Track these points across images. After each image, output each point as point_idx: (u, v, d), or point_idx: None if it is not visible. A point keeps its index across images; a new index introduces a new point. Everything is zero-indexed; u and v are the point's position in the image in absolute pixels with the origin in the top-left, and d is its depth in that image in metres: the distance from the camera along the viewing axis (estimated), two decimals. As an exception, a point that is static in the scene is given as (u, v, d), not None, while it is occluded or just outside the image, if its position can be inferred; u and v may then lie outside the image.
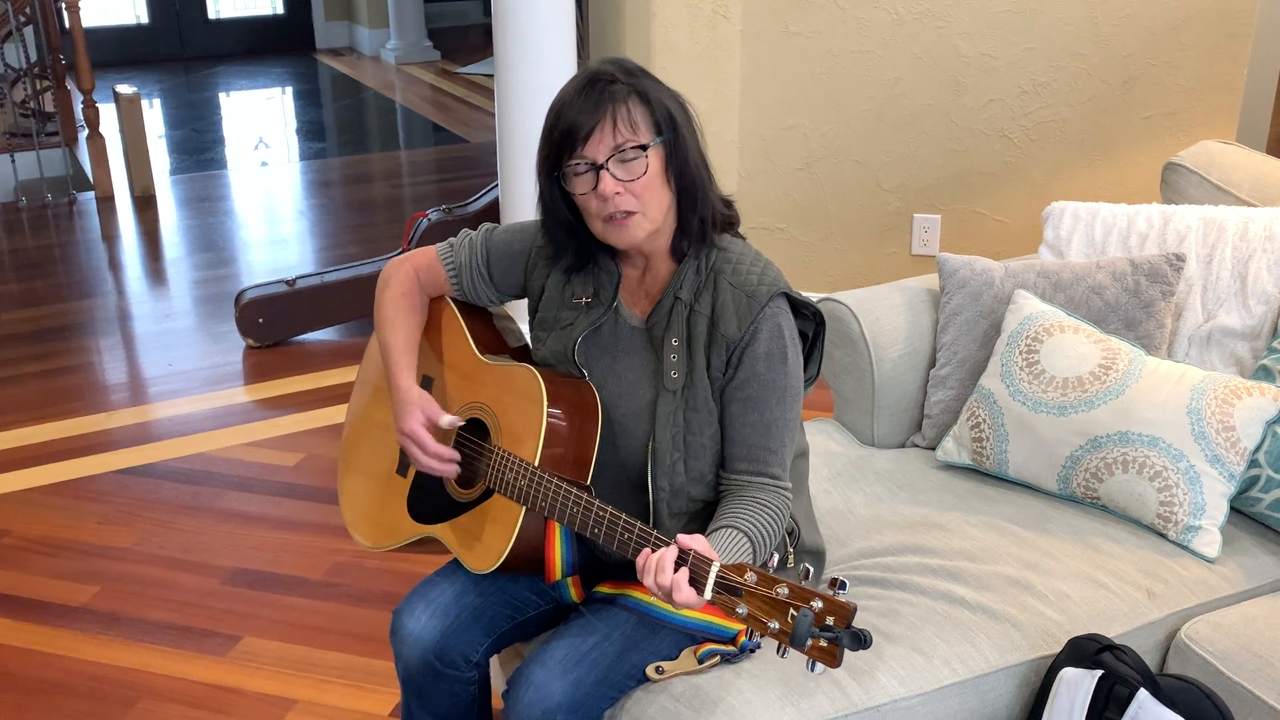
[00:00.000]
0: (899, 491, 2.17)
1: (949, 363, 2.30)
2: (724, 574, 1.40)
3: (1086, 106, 3.60)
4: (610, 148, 1.58)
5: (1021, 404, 2.11)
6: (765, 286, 1.65)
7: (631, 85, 1.60)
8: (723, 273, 1.67)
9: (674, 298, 1.67)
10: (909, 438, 2.37)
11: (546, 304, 1.77)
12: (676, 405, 1.66)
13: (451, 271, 1.84)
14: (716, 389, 1.66)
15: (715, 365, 1.65)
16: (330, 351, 4.10)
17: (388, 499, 1.88)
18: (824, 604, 1.32)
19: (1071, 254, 2.36)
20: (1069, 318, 2.17)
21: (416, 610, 1.75)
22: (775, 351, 1.64)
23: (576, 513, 1.60)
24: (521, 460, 1.65)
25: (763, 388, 1.64)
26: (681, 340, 1.66)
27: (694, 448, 1.67)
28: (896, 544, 1.98)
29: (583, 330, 1.72)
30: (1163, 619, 1.86)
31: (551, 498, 1.62)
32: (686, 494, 1.69)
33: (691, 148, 1.64)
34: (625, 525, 1.54)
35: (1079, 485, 2.07)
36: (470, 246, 1.84)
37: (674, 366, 1.66)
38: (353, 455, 1.97)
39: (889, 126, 3.74)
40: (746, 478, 1.66)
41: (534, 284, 1.80)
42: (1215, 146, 2.51)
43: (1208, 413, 1.98)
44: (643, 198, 1.60)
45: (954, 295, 2.30)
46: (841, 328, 2.36)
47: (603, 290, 1.73)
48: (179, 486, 3.27)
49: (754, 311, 1.63)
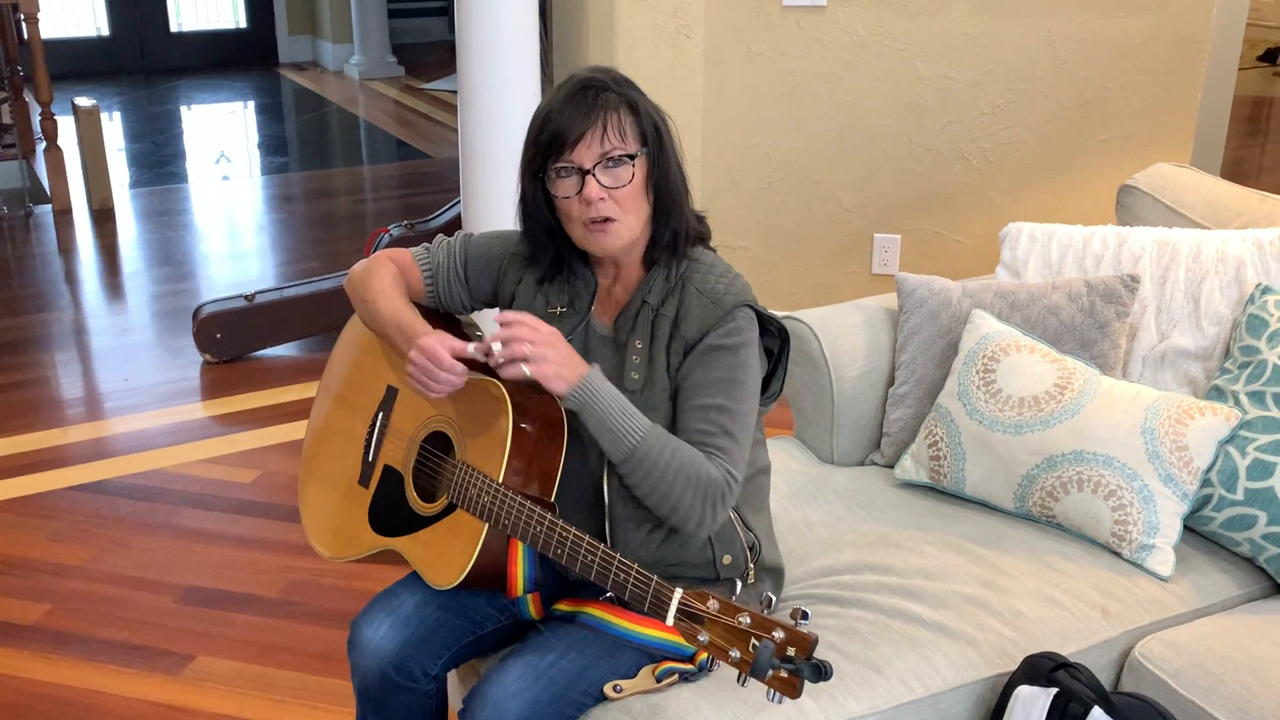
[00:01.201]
0: (858, 509, 2.17)
1: (907, 381, 2.30)
2: (685, 601, 1.40)
3: (1044, 129, 3.64)
4: (598, 154, 1.59)
5: (978, 423, 2.12)
6: (732, 295, 1.66)
7: (623, 94, 1.62)
8: (691, 280, 1.68)
9: (641, 302, 1.69)
10: (868, 456, 2.38)
11: (519, 311, 1.77)
12: (637, 402, 1.66)
13: (428, 273, 1.83)
14: (672, 387, 1.66)
15: (673, 365, 1.66)
16: (289, 367, 4.07)
17: (349, 509, 1.86)
18: (785, 635, 1.32)
19: (1028, 274, 2.37)
20: (1025, 337, 2.18)
21: (376, 621, 1.74)
22: (726, 346, 1.64)
23: (540, 532, 1.59)
24: (485, 476, 1.64)
25: (708, 376, 1.63)
26: (645, 343, 1.67)
27: None
28: (855, 562, 1.99)
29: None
30: (1117, 637, 1.87)
31: (515, 516, 1.61)
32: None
33: (673, 161, 1.66)
34: (589, 548, 1.54)
35: (1035, 504, 2.08)
36: (449, 249, 1.84)
37: (635, 368, 1.66)
38: (315, 464, 1.96)
39: (850, 147, 3.77)
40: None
41: (505, 291, 1.80)
42: (1169, 169, 2.54)
43: (1161, 432, 2.00)
44: (624, 205, 1.62)
45: (912, 314, 2.31)
46: (802, 346, 2.37)
47: (578, 299, 1.73)
48: (133, 503, 3.23)
49: (716, 316, 1.64)
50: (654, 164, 1.64)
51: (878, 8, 3.60)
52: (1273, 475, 1.96)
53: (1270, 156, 6.75)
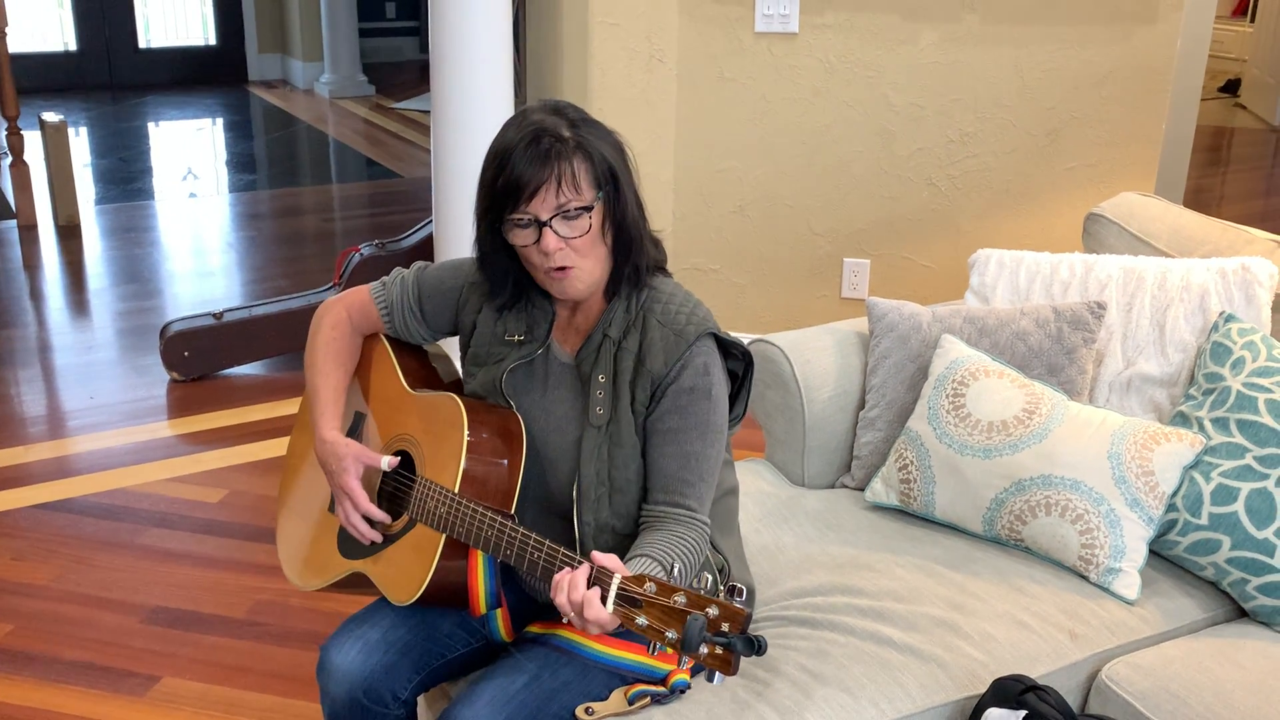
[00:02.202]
0: (828, 532, 2.17)
1: (878, 405, 2.31)
2: (624, 586, 1.40)
3: (1011, 156, 3.66)
4: (554, 207, 1.58)
5: (948, 446, 2.13)
6: (694, 326, 1.66)
7: (578, 141, 1.59)
8: (652, 311, 1.68)
9: (603, 335, 1.68)
10: (839, 478, 2.38)
11: (479, 340, 1.78)
12: (601, 440, 1.66)
13: (384, 310, 1.85)
14: (639, 423, 1.66)
15: (639, 400, 1.66)
16: (257, 386, 4.05)
17: (320, 537, 1.87)
18: (719, 611, 1.31)
19: (996, 300, 2.38)
20: (994, 363, 2.19)
21: (345, 645, 1.73)
22: (699, 387, 1.65)
23: (491, 536, 1.59)
24: (442, 488, 1.65)
25: (684, 420, 1.64)
26: (608, 377, 1.67)
27: (618, 483, 1.67)
28: (826, 584, 1.99)
29: (512, 363, 1.73)
30: (1084, 660, 1.88)
31: (469, 523, 1.61)
32: (611, 529, 1.68)
33: (629, 199, 1.64)
34: (535, 545, 1.54)
35: (1003, 527, 2.08)
36: (402, 284, 1.84)
37: (599, 403, 1.66)
38: (289, 495, 1.97)
39: (820, 172, 3.78)
40: (663, 509, 1.65)
41: (465, 320, 1.80)
42: (1135, 198, 2.56)
43: (1128, 457, 2.01)
44: (582, 252, 1.61)
45: (883, 339, 2.32)
46: (773, 369, 2.37)
47: (536, 327, 1.74)
48: (98, 522, 3.20)
49: (680, 349, 1.64)
50: (610, 206, 1.62)
51: (849, 35, 3.63)
52: (1236, 500, 1.96)
53: (1231, 186, 6.86)
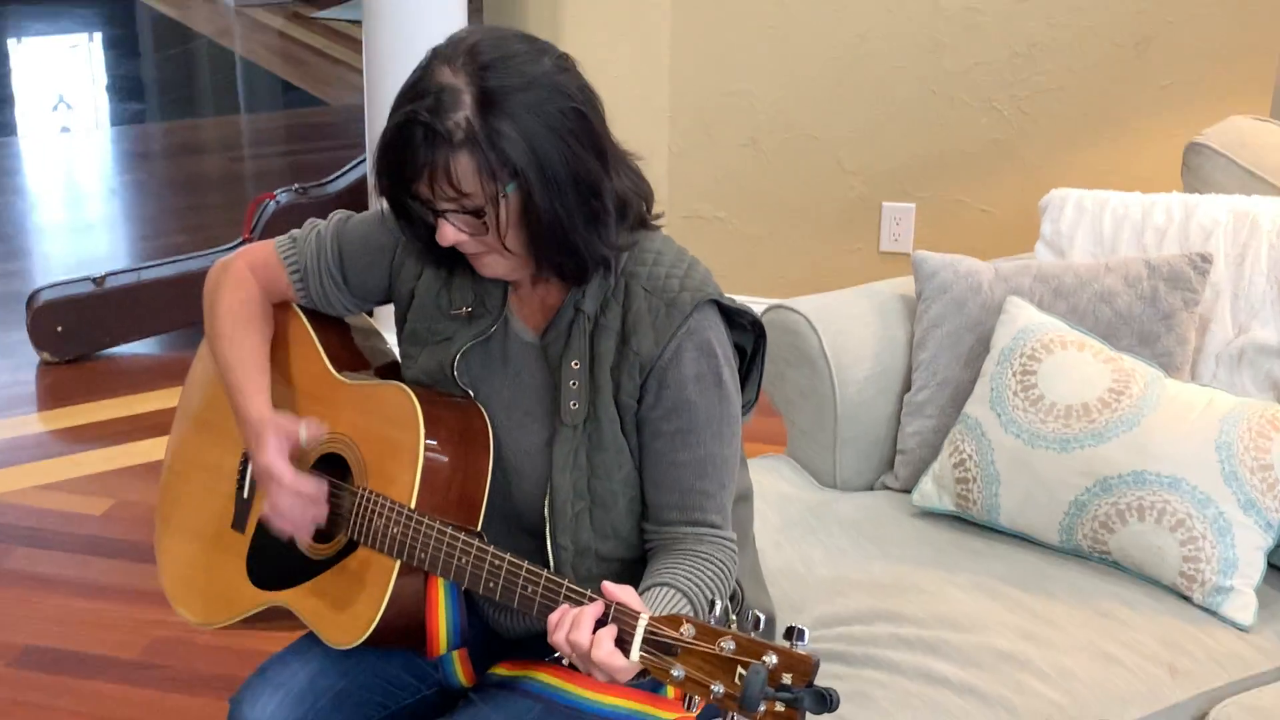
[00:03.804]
0: (867, 544, 2.16)
1: (927, 385, 2.30)
2: (655, 628, 1.39)
3: (1092, 73, 3.64)
4: (441, 199, 1.57)
5: (1015, 437, 2.12)
6: (690, 292, 1.64)
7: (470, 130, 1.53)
8: (636, 276, 1.66)
9: (574, 309, 1.67)
10: (879, 478, 2.37)
11: (418, 313, 1.76)
12: (578, 443, 1.65)
13: (295, 272, 1.83)
14: (629, 421, 1.65)
15: (626, 390, 1.64)
16: (149, 369, 4.04)
17: (221, 562, 1.85)
18: (780, 658, 1.31)
19: (1075, 253, 2.36)
20: (1072, 331, 2.18)
21: (261, 698, 1.72)
22: (707, 372, 1.64)
23: (466, 564, 1.58)
24: (394, 502, 1.64)
25: (694, 418, 1.63)
26: (583, 363, 1.65)
27: (601, 496, 1.66)
28: (865, 610, 1.97)
29: (465, 342, 1.72)
30: (1187, 701, 1.87)
31: (434, 547, 1.60)
32: (594, 552, 1.68)
33: (558, 191, 1.57)
34: (529, 576, 1.53)
35: (1085, 537, 2.08)
36: (319, 240, 1.82)
37: (574, 395, 1.65)
38: (174, 508, 1.95)
39: (853, 95, 3.74)
40: (680, 529, 1.65)
41: (402, 288, 1.79)
42: (1246, 124, 2.56)
43: (1240, 448, 2.01)
44: (491, 248, 1.61)
45: (933, 302, 2.31)
46: (796, 342, 2.35)
47: (488, 296, 1.72)
48: (-48, 542, 3.19)
49: (675, 323, 1.63)
50: (525, 203, 1.56)
51: (887, -79, 3.62)
52: (1376, 501, 1.99)
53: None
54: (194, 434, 1.95)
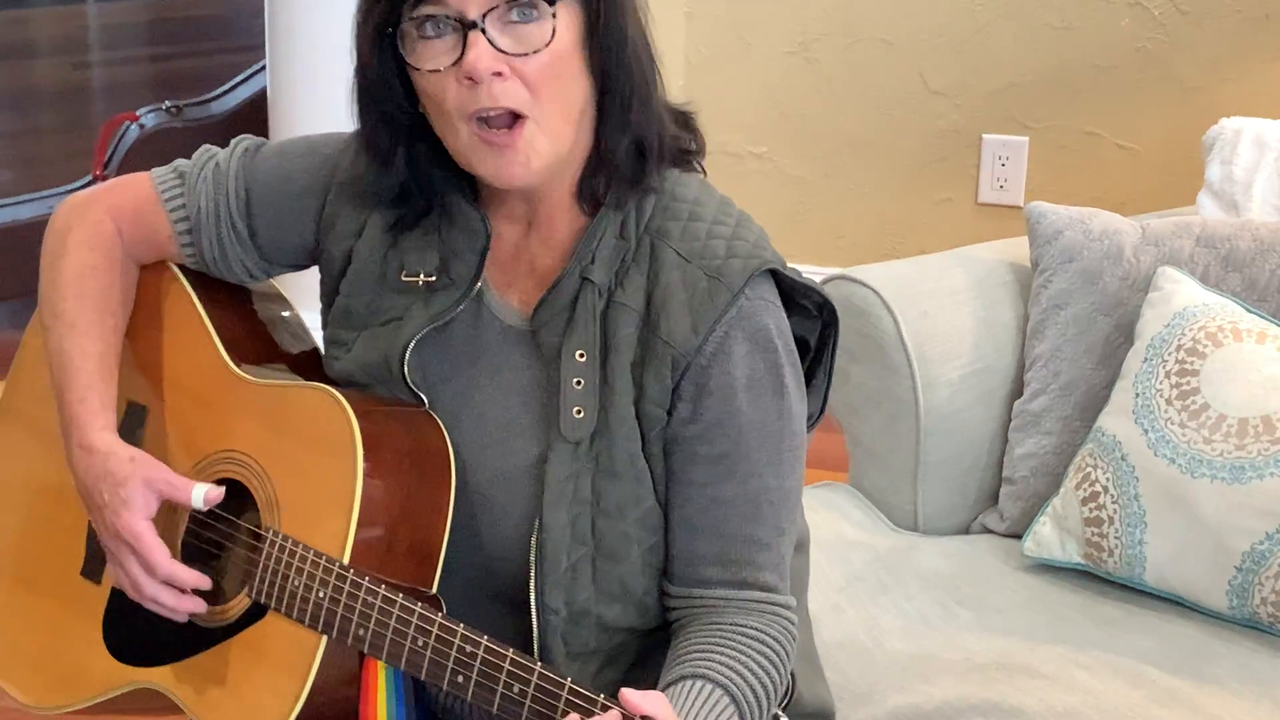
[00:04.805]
0: (960, 610, 2.06)
1: (1045, 390, 2.20)
2: None
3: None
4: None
5: (1170, 462, 2.02)
6: (741, 259, 1.51)
7: None
8: (667, 235, 1.53)
9: (580, 279, 1.52)
10: (977, 517, 2.27)
11: (355, 282, 1.60)
12: (580, 467, 1.50)
13: (182, 221, 1.67)
14: (654, 439, 1.51)
15: (651, 396, 1.50)
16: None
17: (66, 623, 1.70)
18: None
19: (1253, 208, 2.31)
20: (1249, 315, 2.08)
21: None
22: (764, 374, 1.51)
23: (424, 647, 1.43)
24: (318, 554, 1.49)
25: (746, 438, 1.50)
26: (591, 353, 1.52)
27: (609, 540, 1.51)
28: (957, 699, 1.86)
29: (420, 328, 1.55)
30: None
31: (376, 620, 1.45)
32: (595, 619, 1.52)
33: (630, 15, 1.50)
34: (515, 670, 1.38)
35: (1265, 601, 1.95)
36: (217, 177, 1.67)
37: (577, 400, 1.51)
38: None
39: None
40: (720, 592, 1.51)
41: (333, 247, 1.63)
42: None
43: None
44: (539, 88, 1.45)
45: (1054, 275, 2.20)
46: (863, 328, 2.23)
47: (457, 260, 1.57)
48: None
49: (721, 303, 1.49)
50: (595, 15, 1.47)
51: None
52: None
53: None
54: (28, 442, 1.77)
